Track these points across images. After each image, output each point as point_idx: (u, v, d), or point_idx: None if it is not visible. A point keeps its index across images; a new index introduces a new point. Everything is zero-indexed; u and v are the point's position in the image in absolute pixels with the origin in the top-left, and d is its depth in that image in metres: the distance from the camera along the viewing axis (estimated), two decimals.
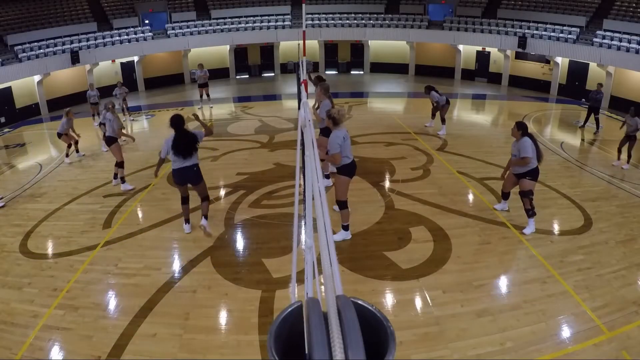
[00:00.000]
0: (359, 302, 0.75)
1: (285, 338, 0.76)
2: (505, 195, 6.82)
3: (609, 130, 12.61)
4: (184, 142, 5.75)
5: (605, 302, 4.80)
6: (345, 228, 6.05)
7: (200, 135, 5.95)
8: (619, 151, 9.35)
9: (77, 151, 10.63)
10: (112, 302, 5.00)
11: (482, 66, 20.24)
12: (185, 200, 6.33)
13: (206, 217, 6.08)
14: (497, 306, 4.77)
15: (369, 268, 5.44)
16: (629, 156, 9.23)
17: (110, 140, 8.27)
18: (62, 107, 17.40)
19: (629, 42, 15.30)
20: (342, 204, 5.83)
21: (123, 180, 8.30)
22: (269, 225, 6.60)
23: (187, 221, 6.46)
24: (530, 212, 6.17)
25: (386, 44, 21.61)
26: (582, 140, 11.64)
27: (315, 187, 1.27)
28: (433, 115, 11.80)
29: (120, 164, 8.31)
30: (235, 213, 7.03)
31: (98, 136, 12.97)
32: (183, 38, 20.21)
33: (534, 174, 6.06)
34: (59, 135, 10.13)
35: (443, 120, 11.24)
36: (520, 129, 6.08)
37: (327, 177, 7.55)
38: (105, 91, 17.24)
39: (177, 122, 5.79)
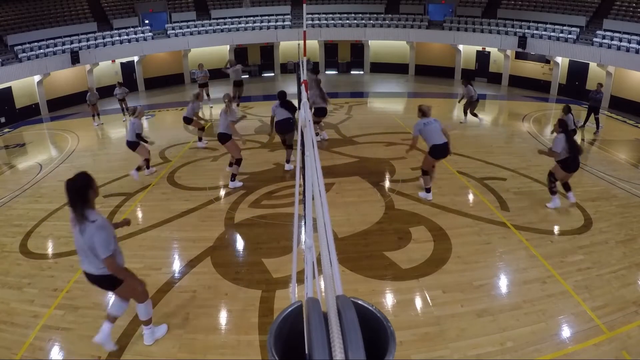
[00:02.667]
0: (359, 302, 0.75)
1: (285, 338, 0.76)
2: (566, 186, 7.24)
3: (609, 130, 12.62)
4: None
5: (605, 302, 4.80)
6: (427, 190, 7.35)
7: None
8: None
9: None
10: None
11: (482, 66, 20.24)
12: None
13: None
14: (497, 306, 4.77)
15: (369, 268, 5.44)
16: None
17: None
18: (62, 107, 17.54)
19: (629, 42, 15.29)
20: (423, 172, 7.31)
21: (233, 178, 8.02)
22: (269, 225, 6.60)
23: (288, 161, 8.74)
24: (551, 192, 7.12)
25: (386, 44, 21.61)
26: (582, 140, 11.63)
27: (316, 187, 1.27)
28: (466, 112, 12.38)
29: (238, 161, 8.03)
30: (235, 213, 7.03)
31: (98, 136, 12.99)
32: (183, 38, 20.21)
33: (563, 164, 6.84)
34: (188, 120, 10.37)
35: (475, 115, 12.14)
36: (561, 126, 6.85)
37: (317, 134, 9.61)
38: (106, 91, 17.27)
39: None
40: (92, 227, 3.48)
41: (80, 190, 3.48)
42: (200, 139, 10.72)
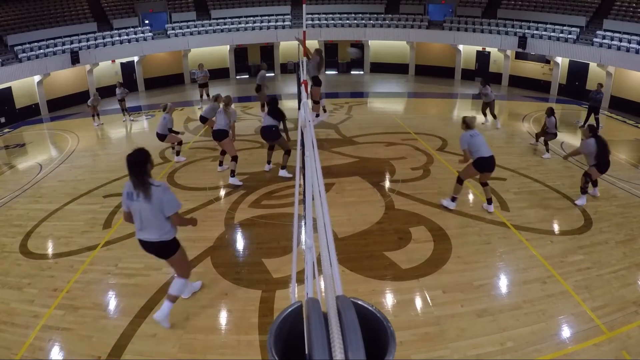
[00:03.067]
0: (359, 302, 0.75)
1: (285, 338, 0.76)
2: (594, 182, 7.55)
3: (609, 130, 12.62)
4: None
5: (605, 302, 4.80)
6: (453, 199, 7.03)
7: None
8: (537, 137, 10.20)
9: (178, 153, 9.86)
10: (112, 302, 4.99)
11: (482, 66, 20.24)
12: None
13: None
14: (497, 306, 4.77)
15: (369, 268, 5.44)
16: (546, 143, 9.88)
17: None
18: (62, 107, 17.55)
19: (629, 42, 15.30)
20: (459, 180, 6.93)
21: (233, 174, 8.27)
22: (269, 225, 6.60)
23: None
24: (583, 190, 7.27)
25: (386, 44, 21.61)
26: (583, 140, 11.62)
27: (315, 187, 1.27)
28: (485, 113, 12.45)
29: (234, 158, 8.30)
30: (235, 213, 7.03)
31: (98, 136, 12.99)
32: (183, 38, 20.21)
33: (598, 166, 7.11)
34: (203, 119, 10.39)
35: (495, 115, 12.34)
36: (591, 131, 7.20)
37: (317, 115, 9.81)
38: (106, 91, 17.27)
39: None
40: (159, 190, 3.91)
41: (141, 164, 3.89)
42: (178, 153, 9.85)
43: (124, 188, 4.00)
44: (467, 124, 6.64)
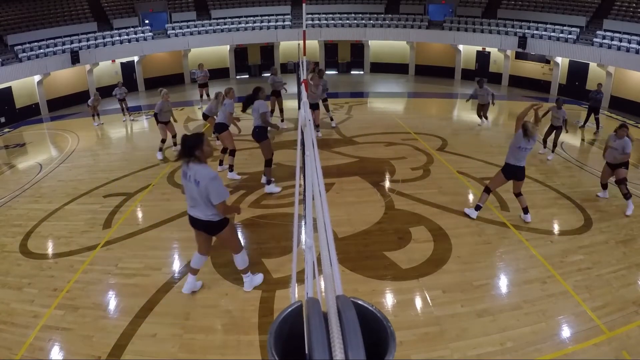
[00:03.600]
0: (359, 302, 0.75)
1: (285, 338, 0.76)
2: (604, 186, 7.58)
3: (609, 130, 12.60)
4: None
5: (605, 302, 4.80)
6: (477, 208, 6.71)
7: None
8: (545, 142, 9.99)
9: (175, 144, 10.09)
10: (112, 302, 4.99)
11: (482, 66, 20.23)
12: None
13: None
14: (497, 306, 4.77)
15: (369, 268, 5.44)
16: (554, 145, 9.72)
17: (221, 127, 8.33)
18: (62, 107, 17.55)
19: (629, 42, 15.30)
20: (487, 189, 6.71)
21: (231, 169, 8.41)
22: (269, 225, 6.60)
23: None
24: (627, 195, 7.08)
25: (386, 44, 21.61)
26: (582, 140, 11.64)
27: (316, 187, 1.27)
28: (479, 115, 12.21)
29: (232, 152, 8.41)
30: (235, 213, 7.02)
31: (98, 136, 12.99)
32: (183, 38, 20.21)
33: (627, 165, 7.17)
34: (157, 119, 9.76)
35: (487, 117, 12.20)
36: (627, 128, 7.12)
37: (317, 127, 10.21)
38: (106, 91, 17.26)
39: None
40: (207, 179, 4.03)
41: (190, 148, 4.09)
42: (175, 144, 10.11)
43: (182, 166, 4.28)
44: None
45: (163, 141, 9.95)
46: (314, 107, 10.12)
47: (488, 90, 11.77)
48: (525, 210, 6.61)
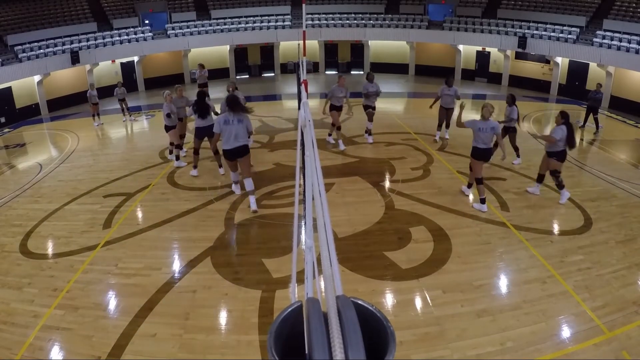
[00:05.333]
0: (359, 302, 0.75)
1: (285, 338, 0.76)
2: (540, 178, 7.58)
3: (609, 130, 12.62)
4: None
5: (605, 302, 4.80)
6: (482, 201, 6.99)
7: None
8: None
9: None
10: (112, 302, 5.00)
11: (482, 66, 20.23)
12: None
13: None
14: (497, 306, 4.77)
15: (369, 268, 5.44)
16: (515, 149, 9.10)
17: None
18: (62, 107, 17.54)
19: (629, 42, 15.29)
20: (478, 180, 7.05)
21: (177, 158, 9.17)
22: (269, 225, 6.60)
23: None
24: (560, 186, 7.29)
25: (386, 44, 21.61)
26: (582, 140, 11.64)
27: (315, 187, 1.27)
28: (515, 146, 9.28)
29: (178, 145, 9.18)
30: (235, 213, 7.03)
31: (98, 136, 12.99)
32: (183, 38, 20.20)
33: (558, 156, 7.13)
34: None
35: (448, 126, 10.45)
36: (563, 117, 7.11)
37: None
38: (106, 91, 17.27)
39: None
40: (246, 118, 6.65)
41: (233, 102, 6.50)
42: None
43: (222, 118, 6.51)
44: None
45: (173, 144, 9.31)
46: (336, 107, 10.34)
47: (456, 91, 10.05)
48: (483, 200, 6.98)
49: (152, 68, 20.31)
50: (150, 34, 19.81)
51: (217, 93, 17.46)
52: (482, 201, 6.95)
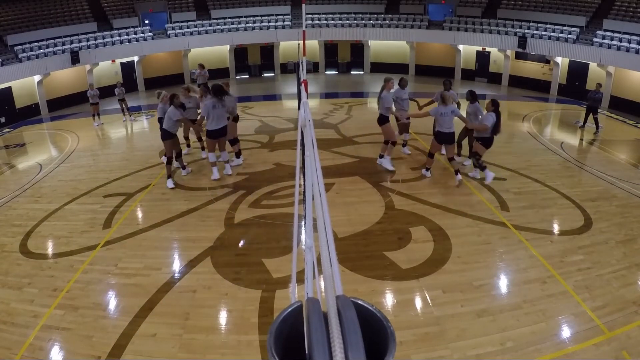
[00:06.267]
0: (359, 302, 0.75)
1: (285, 338, 0.76)
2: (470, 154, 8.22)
3: (609, 130, 12.62)
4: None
5: (605, 302, 4.80)
6: (427, 170, 8.25)
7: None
8: (459, 145, 9.06)
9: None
10: (112, 302, 5.00)
11: (482, 66, 20.23)
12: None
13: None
14: (497, 306, 4.77)
15: (369, 268, 5.44)
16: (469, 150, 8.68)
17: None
18: (62, 107, 17.53)
19: (629, 42, 15.29)
20: (430, 154, 8.16)
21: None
22: (269, 225, 6.60)
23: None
24: (481, 167, 7.84)
25: (386, 44, 21.60)
26: (582, 140, 11.64)
27: (315, 187, 1.27)
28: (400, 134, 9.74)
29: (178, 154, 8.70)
30: (235, 213, 7.03)
31: (98, 136, 12.99)
32: (183, 38, 20.20)
33: (485, 141, 7.72)
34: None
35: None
36: (493, 105, 7.60)
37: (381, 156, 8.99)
38: (106, 91, 17.27)
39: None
40: (231, 98, 8.11)
41: (219, 90, 7.65)
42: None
43: (210, 103, 7.62)
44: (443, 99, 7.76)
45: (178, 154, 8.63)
46: (382, 120, 8.53)
47: (455, 95, 8.93)
48: (456, 172, 7.79)
49: (152, 68, 20.31)
50: (150, 34, 19.81)
51: None
52: (427, 169, 8.23)
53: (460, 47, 20.07)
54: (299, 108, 6.54)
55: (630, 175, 8.77)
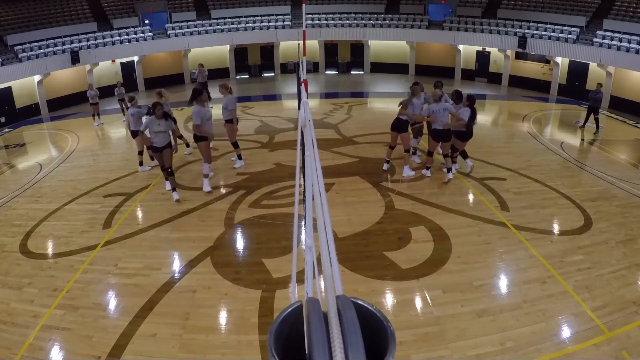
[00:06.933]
0: (359, 302, 0.75)
1: (285, 338, 0.76)
2: (463, 155, 8.41)
3: (609, 130, 12.62)
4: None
5: (605, 302, 4.80)
6: (427, 168, 8.31)
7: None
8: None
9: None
10: (112, 302, 5.00)
11: (482, 66, 20.23)
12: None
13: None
14: (497, 306, 4.77)
15: (369, 268, 5.44)
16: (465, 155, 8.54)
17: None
18: (62, 107, 17.53)
19: (629, 42, 15.29)
20: (429, 153, 8.23)
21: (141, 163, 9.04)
22: (269, 225, 6.60)
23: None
24: (454, 161, 8.28)
25: (386, 44, 21.60)
26: (582, 140, 11.64)
27: (315, 187, 1.27)
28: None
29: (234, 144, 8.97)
30: (235, 213, 7.03)
31: (98, 136, 12.99)
32: (183, 38, 20.20)
33: (462, 135, 7.92)
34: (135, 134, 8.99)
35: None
36: (468, 100, 7.81)
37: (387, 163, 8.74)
38: (106, 91, 17.27)
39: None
40: (231, 98, 8.32)
41: (195, 94, 7.33)
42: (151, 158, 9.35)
43: (195, 109, 7.39)
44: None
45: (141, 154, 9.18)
46: (400, 128, 7.97)
47: (447, 100, 8.25)
48: (448, 170, 7.99)
49: (152, 68, 20.31)
50: (150, 33, 19.81)
51: (217, 93, 17.45)
52: (428, 169, 8.27)
53: (460, 47, 20.07)
54: (299, 108, 6.54)
55: (630, 175, 8.76)
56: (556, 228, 6.56)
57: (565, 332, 4.40)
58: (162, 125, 7.20)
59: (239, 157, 9.11)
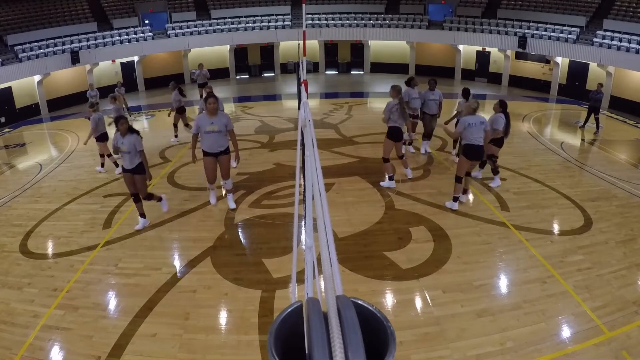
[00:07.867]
0: (359, 302, 0.75)
1: (285, 338, 0.76)
2: (481, 164, 8.21)
3: (609, 130, 12.62)
4: None
5: (605, 302, 4.80)
6: (455, 199, 7.03)
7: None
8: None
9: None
10: (112, 302, 5.00)
11: (482, 66, 20.23)
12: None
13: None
14: (497, 306, 4.77)
15: (369, 268, 5.44)
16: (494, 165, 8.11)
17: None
18: (62, 107, 17.54)
19: (629, 42, 15.29)
20: (457, 178, 6.93)
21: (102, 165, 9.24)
22: (269, 225, 6.60)
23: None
24: (496, 171, 7.89)
25: (386, 44, 21.61)
26: (582, 140, 11.64)
27: (315, 187, 1.27)
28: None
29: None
30: (235, 213, 7.03)
31: None
32: (183, 38, 20.21)
33: (497, 142, 7.62)
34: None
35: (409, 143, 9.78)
36: (501, 106, 7.56)
37: (390, 178, 7.99)
38: (106, 91, 17.26)
39: None
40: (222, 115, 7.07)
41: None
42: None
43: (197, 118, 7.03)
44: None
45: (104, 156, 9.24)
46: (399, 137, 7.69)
47: (440, 96, 9.19)
48: (455, 199, 7.10)
49: (152, 68, 20.32)
50: (150, 33, 19.81)
51: (217, 93, 17.43)
52: (456, 200, 6.99)
53: (460, 47, 20.08)
54: (299, 108, 6.54)
55: (630, 175, 8.76)
56: (556, 228, 6.56)
57: (565, 332, 4.40)
58: (125, 144, 6.06)
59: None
